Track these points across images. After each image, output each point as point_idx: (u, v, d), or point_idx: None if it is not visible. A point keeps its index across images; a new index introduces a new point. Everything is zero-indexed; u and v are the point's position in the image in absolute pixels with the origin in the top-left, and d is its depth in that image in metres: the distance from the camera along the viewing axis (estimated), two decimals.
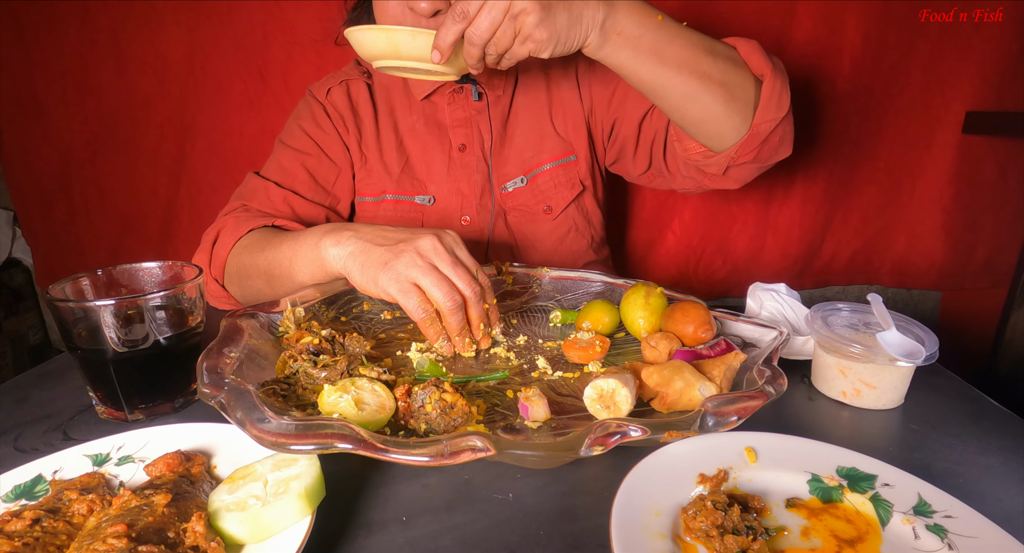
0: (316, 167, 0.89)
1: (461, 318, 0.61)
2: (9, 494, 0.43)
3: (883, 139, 1.20)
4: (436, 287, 0.59)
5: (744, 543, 0.37)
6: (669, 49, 0.64)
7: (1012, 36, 1.11)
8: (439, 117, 0.91)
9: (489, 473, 0.48)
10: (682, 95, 0.67)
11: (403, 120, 0.92)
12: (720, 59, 0.67)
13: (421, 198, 0.92)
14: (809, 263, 1.31)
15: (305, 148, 0.89)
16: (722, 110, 0.68)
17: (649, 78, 0.66)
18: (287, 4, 1.13)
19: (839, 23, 1.11)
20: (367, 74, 0.93)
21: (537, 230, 0.94)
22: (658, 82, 0.66)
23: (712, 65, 0.66)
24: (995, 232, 1.24)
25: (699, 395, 0.51)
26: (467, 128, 0.90)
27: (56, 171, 1.30)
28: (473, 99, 0.89)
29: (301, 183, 0.87)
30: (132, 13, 1.16)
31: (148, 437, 0.49)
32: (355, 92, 0.91)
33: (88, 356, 0.54)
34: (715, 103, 0.67)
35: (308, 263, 0.67)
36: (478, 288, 0.62)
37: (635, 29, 0.62)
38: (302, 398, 0.53)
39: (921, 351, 0.55)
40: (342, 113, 0.90)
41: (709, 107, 0.68)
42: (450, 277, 0.60)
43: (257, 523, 0.38)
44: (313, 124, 0.90)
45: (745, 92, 0.68)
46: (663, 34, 0.64)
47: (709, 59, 0.66)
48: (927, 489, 0.42)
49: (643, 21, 0.63)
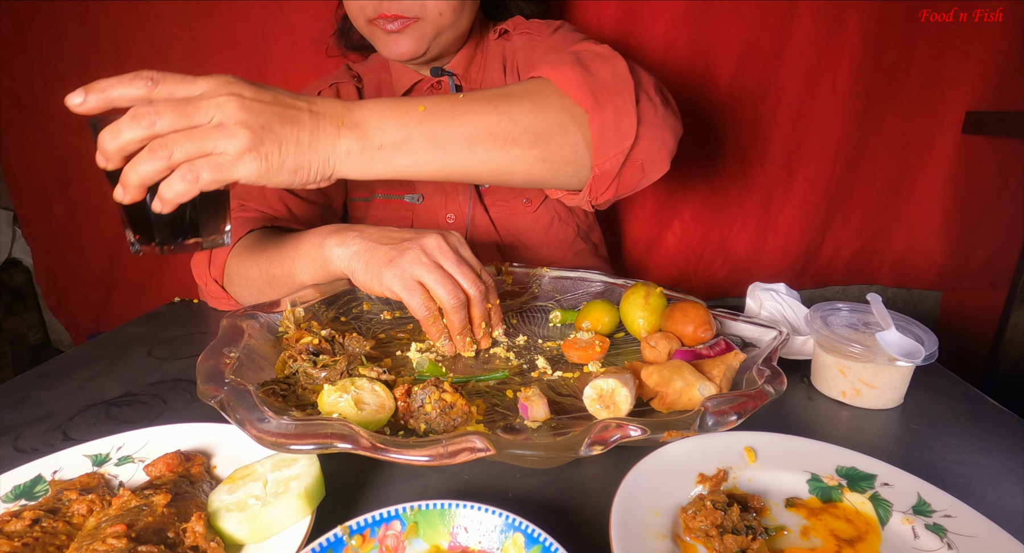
0: None
1: (464, 316, 0.61)
2: (9, 494, 0.43)
3: (883, 139, 1.20)
4: (440, 285, 0.59)
5: (744, 543, 0.37)
6: (450, 136, 0.55)
7: (1012, 36, 1.11)
8: None
9: (489, 473, 0.48)
10: (492, 171, 0.59)
11: None
12: (523, 114, 0.57)
13: (410, 196, 0.92)
14: (809, 263, 1.31)
15: None
16: (546, 168, 0.60)
17: (446, 171, 0.57)
18: (287, 4, 1.13)
19: (839, 23, 1.11)
20: (357, 78, 0.93)
21: (519, 223, 0.94)
22: (457, 170, 0.58)
23: (513, 126, 0.57)
24: (995, 232, 1.24)
25: (699, 395, 0.51)
26: None
27: (56, 171, 1.30)
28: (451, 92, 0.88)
29: None
30: (132, 13, 1.16)
31: (148, 437, 0.49)
32: (345, 95, 0.92)
33: None
34: (532, 165, 0.59)
35: (311, 263, 0.67)
36: (482, 287, 0.62)
37: (397, 134, 0.54)
38: (302, 398, 0.53)
39: (920, 351, 0.55)
40: None
41: (529, 170, 0.59)
42: (454, 275, 0.60)
43: (257, 523, 0.38)
44: None
45: (567, 138, 0.59)
46: (435, 124, 0.55)
47: (507, 122, 0.57)
48: (926, 489, 0.42)
49: (402, 122, 0.54)
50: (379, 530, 0.38)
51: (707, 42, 1.12)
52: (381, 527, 0.38)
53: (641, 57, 1.13)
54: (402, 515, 0.38)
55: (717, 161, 1.21)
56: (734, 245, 1.28)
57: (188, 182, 0.47)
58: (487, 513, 0.38)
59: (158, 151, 0.46)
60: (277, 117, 0.50)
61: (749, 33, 1.11)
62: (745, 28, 1.11)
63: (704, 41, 1.12)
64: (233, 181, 0.49)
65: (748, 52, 1.13)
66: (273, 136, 0.49)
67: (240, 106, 0.48)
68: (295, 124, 0.51)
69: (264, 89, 0.51)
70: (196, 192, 0.48)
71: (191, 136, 0.47)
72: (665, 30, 1.12)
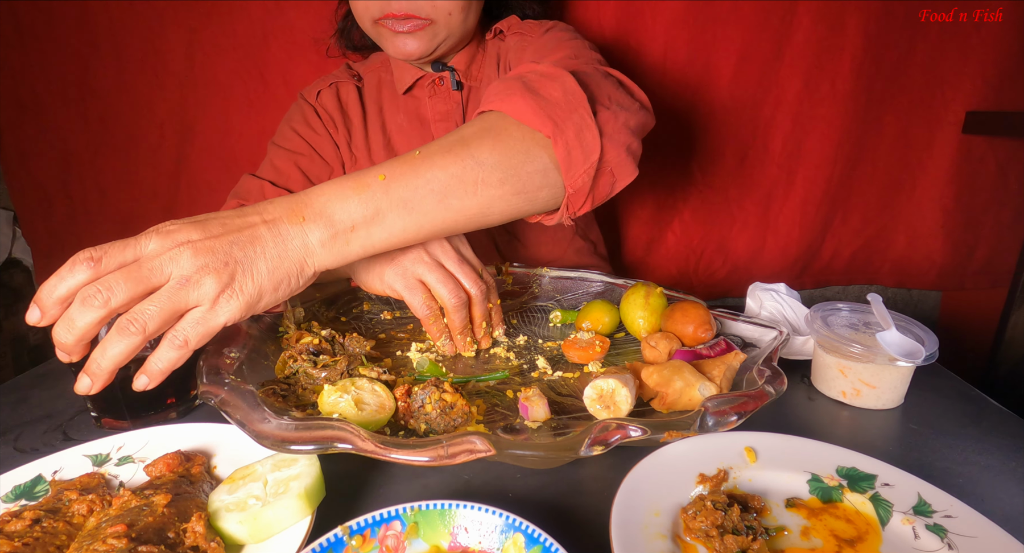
0: (309, 166, 0.89)
1: (464, 316, 0.62)
2: (9, 494, 0.43)
3: (883, 139, 1.20)
4: (442, 284, 0.59)
5: (744, 543, 0.37)
6: (419, 196, 0.53)
7: (1012, 36, 1.11)
8: (421, 112, 0.92)
9: (489, 473, 0.48)
10: (470, 217, 0.56)
11: (391, 119, 0.93)
12: (485, 154, 0.55)
13: None
14: (809, 263, 1.31)
15: (298, 148, 0.90)
16: (521, 200, 0.58)
17: (425, 231, 0.55)
18: (287, 4, 1.13)
19: (839, 23, 1.10)
20: (357, 77, 0.94)
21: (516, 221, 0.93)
22: (436, 227, 0.55)
23: (479, 168, 0.54)
24: (995, 232, 1.24)
25: (699, 395, 0.51)
26: (447, 122, 0.90)
27: (56, 171, 1.30)
28: (453, 88, 0.89)
29: (295, 182, 0.88)
30: (132, 13, 1.16)
31: (148, 437, 0.49)
32: (344, 94, 0.92)
33: None
34: (508, 201, 0.57)
35: None
36: (483, 286, 0.62)
37: (364, 209, 0.51)
38: (302, 398, 0.53)
39: (921, 351, 0.55)
40: (332, 114, 0.91)
41: (505, 207, 0.58)
42: (455, 274, 0.61)
43: (257, 523, 0.38)
44: (305, 125, 0.91)
45: (535, 165, 0.57)
46: (401, 188, 0.52)
47: (472, 165, 0.54)
48: (927, 489, 0.42)
49: (365, 196, 0.51)
50: (379, 530, 0.38)
51: (707, 42, 1.12)
52: (381, 527, 0.38)
53: (641, 57, 1.13)
54: (402, 515, 0.38)
55: (717, 161, 1.21)
56: (734, 245, 1.28)
57: (178, 348, 0.44)
58: (487, 513, 0.38)
59: (128, 328, 0.42)
60: (234, 245, 0.46)
61: (749, 33, 1.11)
62: (745, 28, 1.11)
63: (704, 41, 1.12)
64: (220, 328, 0.46)
65: (748, 52, 1.13)
66: (240, 267, 0.46)
67: (194, 252, 0.44)
68: (255, 243, 0.47)
69: (208, 221, 0.47)
70: (189, 356, 0.45)
71: (156, 302, 0.43)
72: (665, 30, 1.12)
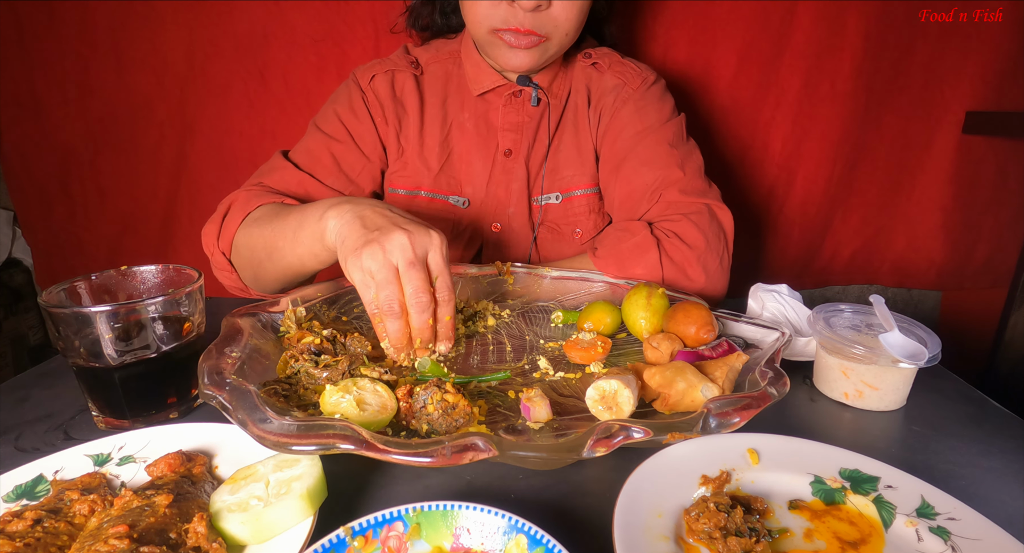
0: (343, 154, 0.86)
1: (399, 325, 0.59)
2: (10, 494, 0.43)
3: (883, 139, 1.20)
4: (382, 288, 0.57)
5: (747, 545, 0.37)
6: None
7: (1012, 36, 1.11)
8: (491, 117, 0.89)
9: (491, 474, 0.48)
10: None
11: (454, 116, 0.89)
12: None
13: (455, 199, 0.90)
14: (809, 263, 1.31)
15: (335, 134, 0.86)
16: None
17: None
18: (287, 4, 1.13)
19: (839, 23, 1.11)
20: (415, 64, 0.89)
21: (563, 252, 0.92)
22: None
23: None
24: (995, 232, 1.25)
25: (701, 396, 0.51)
26: (517, 133, 0.88)
27: (56, 171, 1.30)
28: (532, 104, 0.87)
29: (323, 168, 0.85)
30: (132, 13, 1.16)
31: (149, 437, 0.49)
32: (400, 83, 0.88)
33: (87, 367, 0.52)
34: None
35: (310, 235, 0.65)
36: (425, 299, 0.58)
37: None
38: (304, 398, 0.53)
39: (923, 352, 0.55)
40: (383, 102, 0.88)
41: None
42: (403, 278, 0.58)
43: (259, 524, 0.38)
44: (349, 111, 0.87)
45: None
46: None
47: None
48: (930, 491, 0.42)
49: None
50: (382, 531, 0.38)
51: (707, 42, 1.12)
52: (384, 528, 0.38)
53: (641, 57, 1.13)
54: (404, 516, 0.38)
55: (717, 161, 1.21)
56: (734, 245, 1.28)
57: None
58: (490, 514, 0.38)
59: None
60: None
61: (749, 33, 1.11)
62: (745, 28, 1.11)
63: (704, 41, 1.12)
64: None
65: (748, 52, 1.13)
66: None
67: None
68: None
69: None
70: None
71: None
72: (665, 30, 1.12)
